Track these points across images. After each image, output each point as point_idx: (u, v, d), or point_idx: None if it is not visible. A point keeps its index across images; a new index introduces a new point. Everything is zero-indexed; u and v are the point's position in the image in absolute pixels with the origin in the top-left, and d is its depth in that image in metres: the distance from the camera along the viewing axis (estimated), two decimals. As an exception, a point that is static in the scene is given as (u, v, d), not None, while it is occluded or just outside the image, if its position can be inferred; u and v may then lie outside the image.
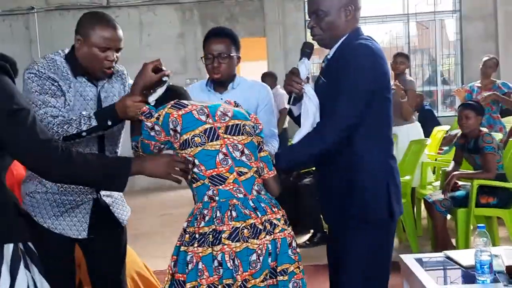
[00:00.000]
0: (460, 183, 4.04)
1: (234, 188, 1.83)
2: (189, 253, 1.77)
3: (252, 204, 1.82)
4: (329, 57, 2.09)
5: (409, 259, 2.56)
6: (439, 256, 2.62)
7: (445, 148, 5.95)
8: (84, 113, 2.06)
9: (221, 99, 2.41)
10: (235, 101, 2.06)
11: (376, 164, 2.01)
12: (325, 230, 4.84)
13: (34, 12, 8.20)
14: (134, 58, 8.15)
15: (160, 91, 1.98)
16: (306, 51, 2.11)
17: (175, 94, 1.98)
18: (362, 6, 2.14)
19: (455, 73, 8.62)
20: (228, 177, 1.83)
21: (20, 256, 1.53)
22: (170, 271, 1.83)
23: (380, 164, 2.02)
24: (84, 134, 2.00)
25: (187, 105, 1.86)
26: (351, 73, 1.94)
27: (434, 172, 5.22)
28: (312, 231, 4.77)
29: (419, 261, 2.53)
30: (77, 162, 1.60)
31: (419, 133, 5.05)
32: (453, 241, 4.00)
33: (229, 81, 2.54)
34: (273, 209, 1.86)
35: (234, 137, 1.87)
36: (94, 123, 1.99)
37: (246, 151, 1.88)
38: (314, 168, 5.04)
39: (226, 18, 8.31)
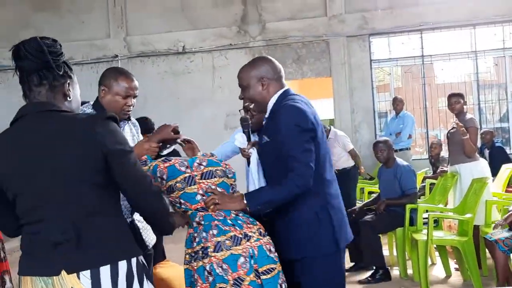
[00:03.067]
0: (523, 221, 4.00)
1: (215, 213, 2.27)
2: (190, 269, 2.27)
3: (230, 222, 2.26)
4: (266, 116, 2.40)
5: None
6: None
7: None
8: None
9: None
10: (211, 153, 2.50)
11: (313, 202, 2.27)
12: (387, 266, 4.90)
13: (117, 60, 8.98)
14: (206, 98, 8.80)
15: (171, 148, 2.41)
16: (243, 124, 2.54)
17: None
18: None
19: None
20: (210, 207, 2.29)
21: (142, 268, 1.76)
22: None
23: (316, 203, 2.28)
24: None
25: (171, 159, 2.34)
26: (288, 133, 2.22)
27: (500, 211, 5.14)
28: (374, 267, 4.83)
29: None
30: (163, 201, 1.86)
31: (482, 171, 5.01)
32: (518, 281, 3.95)
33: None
34: (248, 225, 2.28)
35: (208, 180, 2.32)
36: None
37: (219, 189, 2.33)
38: (372, 206, 5.17)
39: (294, 60, 8.67)
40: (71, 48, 9.18)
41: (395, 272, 4.98)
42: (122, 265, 1.70)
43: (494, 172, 5.96)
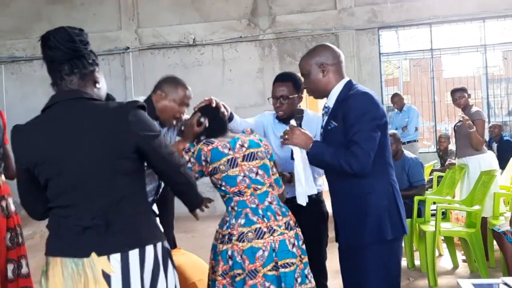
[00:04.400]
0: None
1: (250, 200, 2.38)
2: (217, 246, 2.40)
3: (261, 212, 2.36)
4: (330, 106, 2.44)
5: (466, 284, 2.70)
6: (496, 281, 2.73)
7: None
8: None
9: None
10: (250, 129, 2.60)
11: (384, 188, 2.34)
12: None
13: (129, 52, 9.06)
14: (216, 91, 8.81)
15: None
16: (297, 116, 2.54)
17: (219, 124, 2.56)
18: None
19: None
20: (246, 192, 2.39)
21: (166, 253, 1.85)
22: (210, 261, 2.48)
23: (387, 187, 2.35)
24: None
25: (214, 141, 2.42)
26: (357, 119, 2.27)
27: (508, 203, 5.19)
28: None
29: (476, 286, 2.66)
30: (191, 175, 2.00)
31: (490, 163, 5.07)
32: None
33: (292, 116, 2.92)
34: (278, 216, 2.38)
35: (250, 163, 2.41)
36: None
37: (260, 172, 2.43)
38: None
39: (303, 52, 8.57)
40: (83, 40, 9.29)
41: (402, 263, 5.04)
42: (149, 249, 1.76)
43: (502, 165, 6.01)
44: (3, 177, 2.82)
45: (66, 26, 1.82)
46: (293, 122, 2.51)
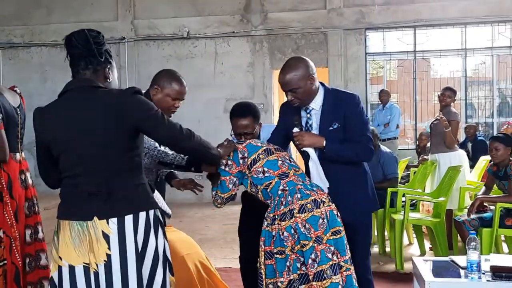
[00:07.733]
0: (491, 206, 4.45)
1: (296, 178, 2.63)
2: (273, 230, 2.57)
3: (309, 187, 2.62)
4: (316, 108, 2.77)
5: (418, 260, 3.11)
6: (444, 259, 3.14)
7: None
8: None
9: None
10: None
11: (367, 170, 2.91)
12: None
13: (124, 42, 9.34)
14: (208, 83, 9.20)
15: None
16: (295, 123, 2.78)
17: None
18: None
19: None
20: (289, 173, 2.64)
21: (157, 220, 2.10)
22: (262, 249, 2.61)
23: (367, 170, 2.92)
24: (173, 166, 2.75)
25: (245, 140, 2.74)
26: (362, 117, 2.75)
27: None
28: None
29: (426, 261, 3.07)
30: (196, 138, 2.21)
31: (460, 161, 5.44)
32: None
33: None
34: (319, 191, 2.64)
35: (281, 153, 2.72)
36: (183, 163, 2.70)
37: (292, 159, 2.74)
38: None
39: (293, 49, 9.06)
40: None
41: (375, 249, 5.43)
42: (142, 215, 2.06)
43: (475, 163, 6.43)
44: (23, 153, 3.13)
45: (87, 28, 2.14)
46: (295, 130, 2.75)
